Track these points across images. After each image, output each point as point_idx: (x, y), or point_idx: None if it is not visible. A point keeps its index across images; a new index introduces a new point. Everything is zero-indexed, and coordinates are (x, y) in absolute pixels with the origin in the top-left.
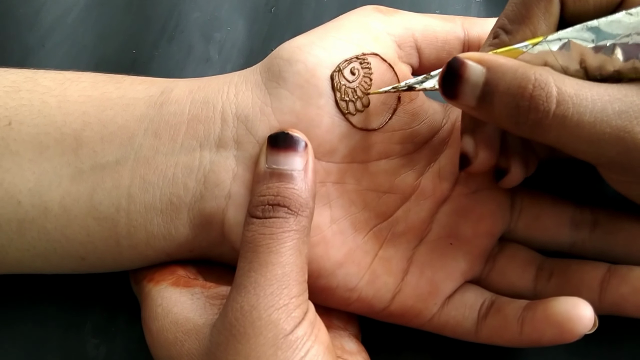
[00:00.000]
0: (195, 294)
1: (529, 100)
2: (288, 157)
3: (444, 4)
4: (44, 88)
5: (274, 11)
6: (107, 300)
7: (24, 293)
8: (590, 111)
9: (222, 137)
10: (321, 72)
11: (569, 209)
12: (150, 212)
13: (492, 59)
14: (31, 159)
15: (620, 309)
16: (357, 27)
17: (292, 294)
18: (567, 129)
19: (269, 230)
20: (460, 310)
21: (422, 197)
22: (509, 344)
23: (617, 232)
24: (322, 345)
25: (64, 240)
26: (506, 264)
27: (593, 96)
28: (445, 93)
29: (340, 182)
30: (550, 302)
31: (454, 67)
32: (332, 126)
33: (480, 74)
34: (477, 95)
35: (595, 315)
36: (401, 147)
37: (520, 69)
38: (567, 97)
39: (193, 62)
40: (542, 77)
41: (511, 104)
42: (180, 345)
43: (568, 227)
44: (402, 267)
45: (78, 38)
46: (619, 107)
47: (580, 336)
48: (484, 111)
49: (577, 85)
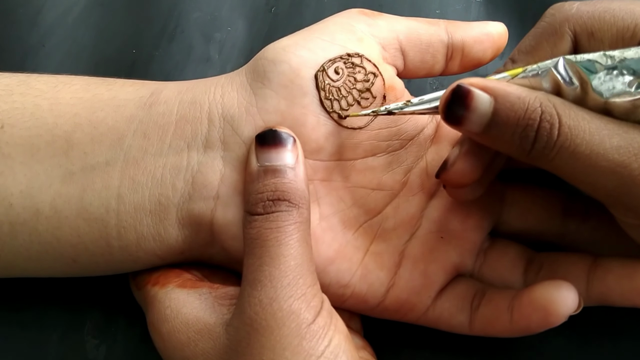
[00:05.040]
0: (203, 294)
1: (535, 132)
2: (279, 153)
3: (444, 4)
4: (36, 91)
5: (274, 11)
6: (107, 300)
7: (24, 293)
8: (587, 143)
9: (209, 138)
10: (305, 72)
11: (560, 200)
12: (140, 213)
13: (498, 86)
14: (23, 162)
15: (606, 299)
16: (342, 28)
17: (307, 283)
18: (564, 159)
19: (275, 224)
20: (454, 301)
21: (410, 192)
22: (501, 334)
23: (609, 223)
24: (342, 334)
25: (55, 242)
26: (497, 258)
27: (591, 128)
28: (448, 119)
29: (328, 180)
30: (534, 287)
31: (459, 95)
32: (317, 125)
33: (488, 103)
34: (483, 124)
35: (579, 296)
36: (387, 145)
37: (527, 98)
38: (566, 129)
39: (193, 62)
40: (547, 108)
41: (519, 134)
42: (194, 345)
43: (560, 218)
44: (394, 261)
45: (78, 38)
46: (618, 142)
47: (565, 318)
48: (489, 138)
49: (576, 116)
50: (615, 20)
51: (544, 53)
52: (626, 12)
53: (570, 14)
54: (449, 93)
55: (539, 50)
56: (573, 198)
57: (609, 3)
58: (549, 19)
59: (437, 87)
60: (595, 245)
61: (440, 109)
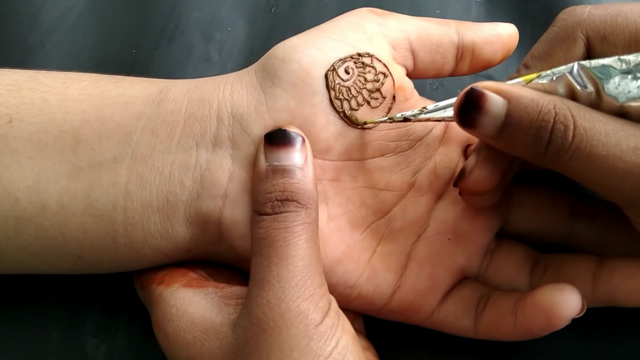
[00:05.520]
0: (208, 294)
1: (549, 133)
2: (288, 152)
3: (444, 4)
4: (45, 86)
5: (274, 11)
6: (107, 300)
7: (24, 293)
8: (604, 144)
9: (218, 136)
10: (315, 71)
11: (567, 201)
12: (147, 210)
13: (511, 89)
14: (30, 157)
15: (612, 299)
16: (352, 28)
17: (315, 284)
18: (579, 161)
19: (283, 225)
20: (460, 305)
21: (418, 193)
22: (506, 338)
23: (616, 224)
24: (349, 335)
25: (61, 238)
26: (503, 260)
27: (607, 130)
28: (462, 123)
29: (337, 180)
30: (537, 291)
31: (473, 98)
32: (326, 124)
33: (502, 106)
34: (497, 126)
35: (582, 299)
36: (396, 145)
37: (540, 100)
38: (581, 130)
39: (193, 62)
40: (561, 110)
41: (532, 136)
42: (200, 344)
43: (567, 219)
44: (401, 263)
45: (78, 38)
46: (635, 143)
47: (568, 321)
48: (502, 141)
49: (592, 118)
50: (627, 24)
51: (558, 58)
52: (639, 15)
53: (582, 19)
54: (463, 96)
55: (552, 55)
56: (580, 199)
57: (621, 6)
58: (560, 24)
59: (437, 87)
60: (603, 246)
61: (454, 113)
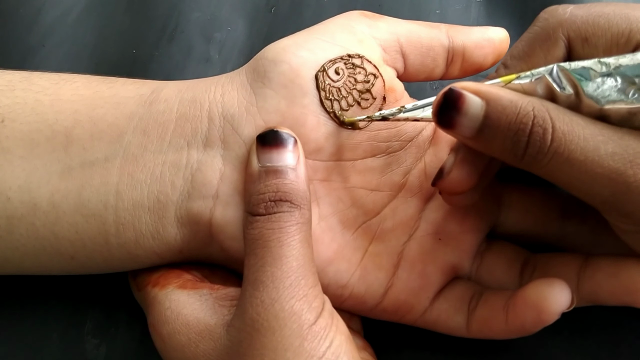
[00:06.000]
0: (203, 296)
1: (528, 136)
2: (280, 153)
3: (444, 4)
4: (38, 87)
5: (274, 11)
6: (107, 300)
7: (24, 293)
8: (582, 149)
9: (209, 136)
10: (305, 72)
11: (559, 202)
12: (138, 210)
13: (490, 90)
14: (22, 156)
15: (596, 298)
16: (342, 29)
17: (309, 284)
18: (557, 165)
19: (277, 225)
20: (452, 303)
21: (409, 194)
22: (498, 335)
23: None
24: (344, 335)
25: (52, 238)
26: (494, 261)
27: (586, 134)
28: (440, 123)
29: (327, 180)
30: (527, 286)
31: (451, 99)
32: (317, 125)
33: (480, 107)
34: (475, 127)
35: (572, 293)
36: (387, 146)
37: (519, 102)
38: (560, 134)
39: (193, 62)
40: (540, 112)
41: (510, 138)
42: (194, 346)
43: (558, 220)
44: (393, 262)
45: (78, 38)
46: (613, 148)
47: (557, 315)
48: (480, 143)
49: (570, 121)
50: (609, 26)
51: (538, 59)
52: (621, 17)
53: (564, 19)
54: (441, 96)
55: (532, 56)
56: (572, 200)
57: (603, 7)
58: (542, 24)
59: (438, 87)
60: (595, 246)
61: (432, 113)
